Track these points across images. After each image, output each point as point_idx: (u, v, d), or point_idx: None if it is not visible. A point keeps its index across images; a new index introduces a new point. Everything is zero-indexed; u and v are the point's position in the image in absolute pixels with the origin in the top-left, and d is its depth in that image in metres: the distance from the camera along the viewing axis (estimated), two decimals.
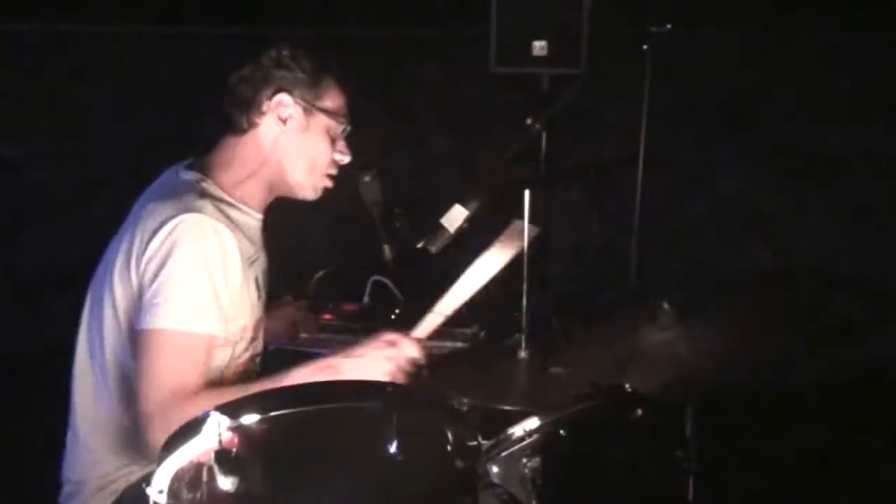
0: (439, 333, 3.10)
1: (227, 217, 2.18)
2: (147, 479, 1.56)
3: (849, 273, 4.62)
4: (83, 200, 4.95)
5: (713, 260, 4.64)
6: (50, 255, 4.89)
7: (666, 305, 2.29)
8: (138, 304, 2.11)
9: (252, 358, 2.36)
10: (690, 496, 2.17)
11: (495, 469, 1.95)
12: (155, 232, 2.09)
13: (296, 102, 2.28)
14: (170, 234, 2.08)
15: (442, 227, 2.39)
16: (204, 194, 2.19)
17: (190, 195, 2.17)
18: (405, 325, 3.05)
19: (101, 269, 2.29)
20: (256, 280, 2.31)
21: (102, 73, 5.02)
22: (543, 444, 1.95)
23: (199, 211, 2.12)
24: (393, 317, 3.19)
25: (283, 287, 2.77)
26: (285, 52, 2.29)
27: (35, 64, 5.03)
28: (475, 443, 1.65)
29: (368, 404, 1.50)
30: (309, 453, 1.48)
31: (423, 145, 4.87)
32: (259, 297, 2.33)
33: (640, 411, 2.03)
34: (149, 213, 2.15)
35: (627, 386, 2.03)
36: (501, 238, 2.31)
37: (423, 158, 4.81)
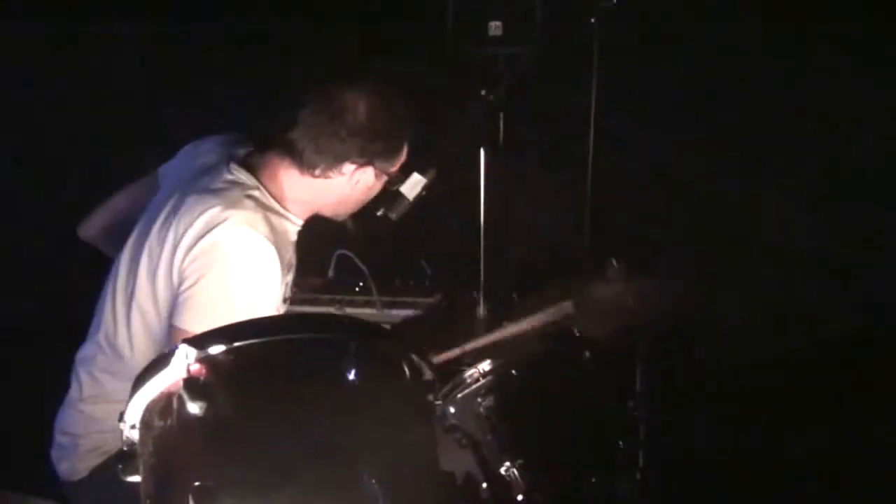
0: (405, 304, 3.25)
1: (273, 229, 2.18)
2: (121, 415, 1.65)
3: (809, 253, 4.68)
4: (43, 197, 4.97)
5: (667, 236, 4.70)
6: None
7: (614, 262, 2.41)
8: (175, 295, 2.14)
9: None
10: (642, 434, 2.29)
11: (452, 409, 2.05)
12: (202, 234, 2.11)
13: (374, 171, 2.33)
14: (218, 241, 2.10)
15: (401, 195, 2.49)
16: (256, 204, 2.20)
17: (242, 201, 2.17)
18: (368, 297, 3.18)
19: (135, 239, 2.30)
20: (287, 283, 2.34)
21: (62, 71, 5.05)
22: (497, 383, 2.05)
23: (250, 225, 2.12)
24: (357, 289, 3.29)
25: None
26: (378, 114, 2.25)
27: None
28: (430, 377, 1.74)
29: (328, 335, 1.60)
30: (273, 381, 1.57)
31: None
32: (285, 298, 2.36)
33: (587, 353, 2.13)
34: (195, 207, 2.16)
35: (576, 330, 2.14)
36: (548, 310, 2.29)
37: None
